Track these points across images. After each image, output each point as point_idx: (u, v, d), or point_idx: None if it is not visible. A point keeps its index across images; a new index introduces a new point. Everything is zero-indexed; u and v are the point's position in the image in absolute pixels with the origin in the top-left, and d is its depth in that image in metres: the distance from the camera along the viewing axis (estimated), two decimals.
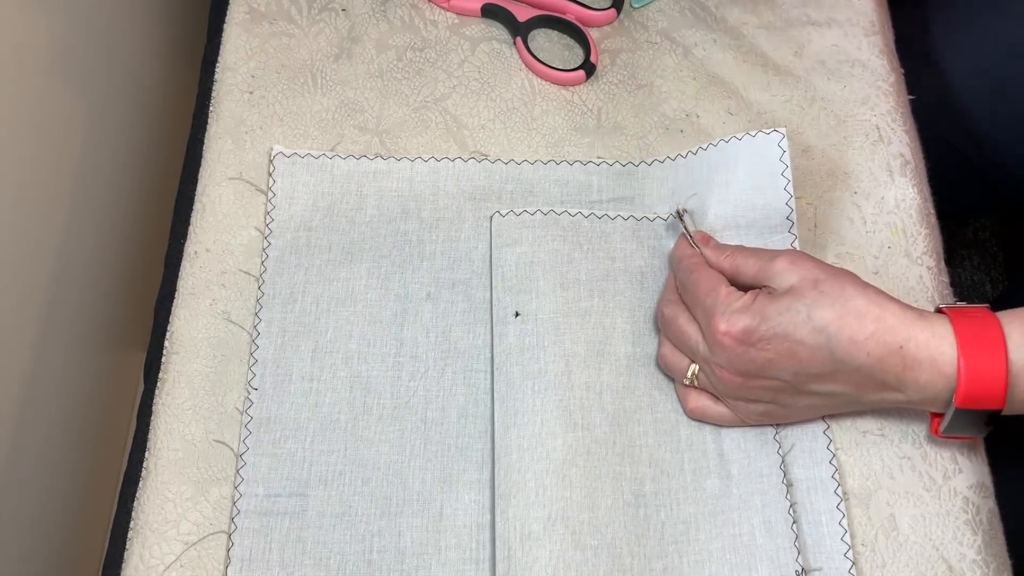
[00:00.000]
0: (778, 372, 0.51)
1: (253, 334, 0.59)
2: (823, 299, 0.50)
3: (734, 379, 0.52)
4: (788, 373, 0.51)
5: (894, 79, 0.69)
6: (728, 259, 0.55)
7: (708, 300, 0.53)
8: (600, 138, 0.67)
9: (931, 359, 0.49)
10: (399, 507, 0.55)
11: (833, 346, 0.50)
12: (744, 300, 0.52)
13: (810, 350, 0.50)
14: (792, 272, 0.52)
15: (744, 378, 0.52)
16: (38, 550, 0.72)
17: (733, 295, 0.52)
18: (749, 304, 0.51)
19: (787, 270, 0.52)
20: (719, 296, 0.52)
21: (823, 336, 0.50)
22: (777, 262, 0.53)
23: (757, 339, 0.51)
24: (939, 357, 0.49)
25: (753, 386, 0.53)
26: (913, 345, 0.49)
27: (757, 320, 0.51)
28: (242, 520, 0.54)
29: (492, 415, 0.57)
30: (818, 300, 0.50)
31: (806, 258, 0.53)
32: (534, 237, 0.61)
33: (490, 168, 0.65)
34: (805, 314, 0.50)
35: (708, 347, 0.53)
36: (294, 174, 0.64)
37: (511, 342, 0.58)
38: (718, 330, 0.51)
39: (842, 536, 0.54)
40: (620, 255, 0.61)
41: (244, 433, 0.57)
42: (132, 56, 0.81)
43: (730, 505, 0.55)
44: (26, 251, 0.66)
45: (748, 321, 0.51)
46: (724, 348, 0.51)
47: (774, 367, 0.51)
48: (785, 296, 0.51)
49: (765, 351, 0.51)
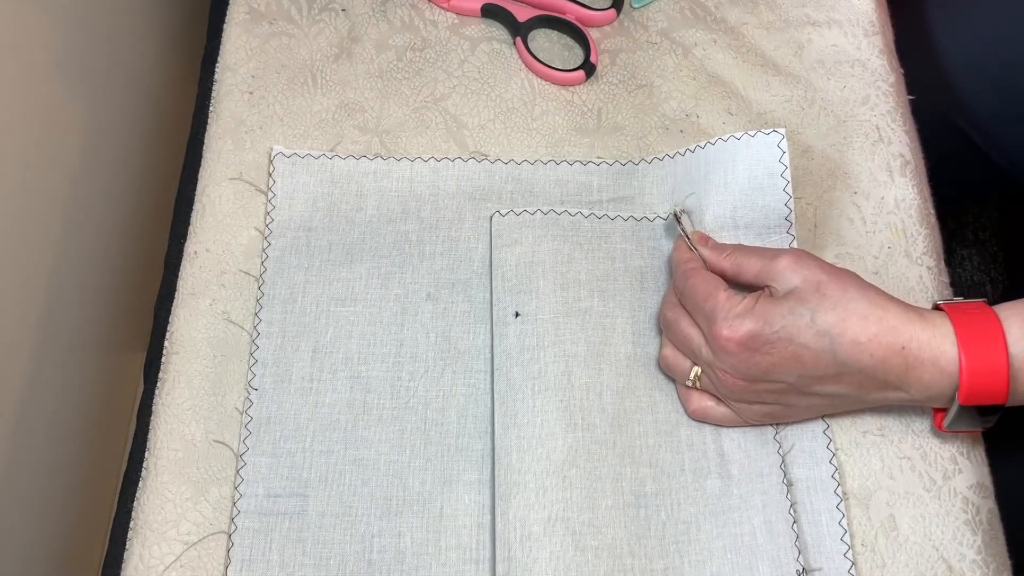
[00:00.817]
0: (782, 375, 0.51)
1: (253, 334, 0.59)
2: (826, 302, 0.50)
3: (738, 383, 0.52)
4: (792, 376, 0.51)
5: (894, 79, 0.69)
6: (728, 258, 0.55)
7: (708, 305, 0.52)
8: (600, 138, 0.67)
9: (933, 358, 0.49)
10: (399, 507, 0.55)
11: (836, 349, 0.50)
12: (745, 304, 0.52)
13: (814, 353, 0.50)
14: (795, 273, 0.52)
15: (748, 382, 0.52)
16: (38, 550, 0.72)
17: (733, 299, 0.52)
18: (751, 308, 0.51)
19: (790, 271, 0.52)
20: (718, 301, 0.52)
21: (826, 339, 0.50)
22: (780, 262, 0.53)
23: (761, 343, 0.51)
24: (941, 356, 0.49)
25: (757, 389, 0.53)
26: (915, 345, 0.49)
27: (760, 324, 0.51)
28: (242, 520, 0.54)
29: (492, 415, 0.57)
30: (821, 303, 0.50)
31: (809, 258, 0.53)
32: (534, 237, 0.61)
33: (490, 168, 0.65)
34: (808, 318, 0.50)
35: (711, 351, 0.53)
36: (294, 174, 0.64)
37: (511, 342, 0.58)
38: (721, 335, 0.51)
39: (842, 536, 0.54)
40: (620, 255, 0.61)
41: (244, 433, 0.57)
42: (132, 56, 0.81)
43: (731, 505, 0.55)
44: (26, 251, 0.66)
45: (751, 326, 0.51)
46: (728, 353, 0.51)
47: (778, 370, 0.51)
48: (788, 299, 0.51)
49: (769, 355, 0.51)
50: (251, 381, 0.58)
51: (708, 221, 0.60)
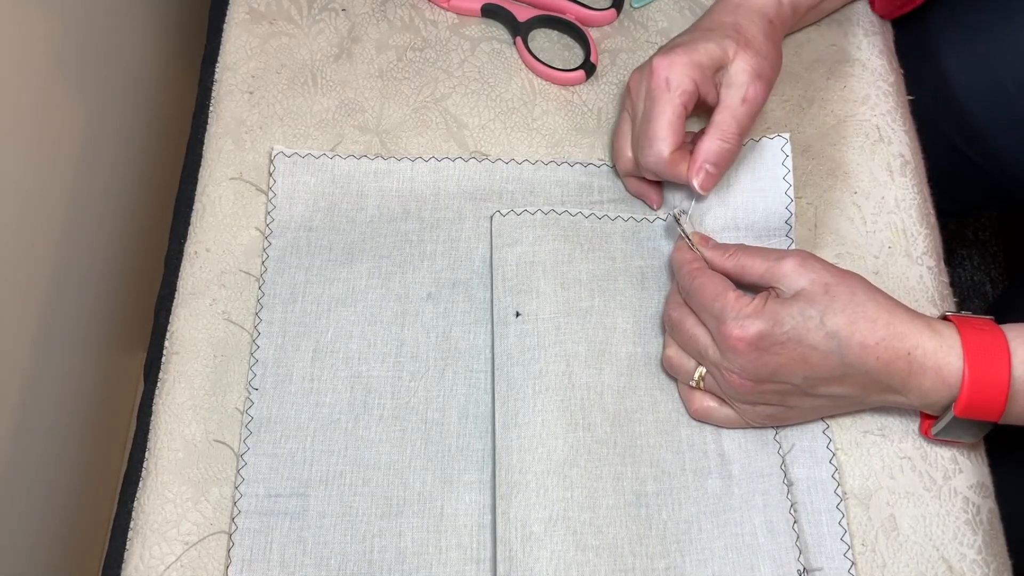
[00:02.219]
0: (788, 376, 0.51)
1: (253, 334, 0.59)
2: (834, 304, 0.50)
3: (744, 383, 0.52)
4: (798, 377, 0.51)
5: (894, 79, 0.69)
6: (731, 259, 0.55)
7: (716, 305, 0.52)
8: (600, 138, 0.67)
9: (936, 367, 0.50)
10: (400, 507, 0.55)
11: (844, 351, 0.50)
12: (755, 304, 0.52)
13: (821, 355, 0.50)
14: (801, 275, 0.52)
15: (755, 382, 0.52)
16: (38, 550, 0.72)
17: (742, 299, 0.52)
18: (760, 308, 0.51)
19: (796, 272, 0.52)
20: (728, 301, 0.52)
21: (834, 341, 0.50)
22: (786, 264, 0.53)
23: (770, 344, 0.51)
24: (945, 367, 0.50)
25: (763, 390, 0.53)
26: (920, 352, 0.50)
27: (770, 325, 0.51)
28: (243, 520, 0.54)
29: (493, 415, 0.57)
30: (830, 305, 0.50)
31: (815, 260, 0.53)
32: (534, 237, 0.61)
33: (490, 168, 0.65)
34: (818, 319, 0.50)
35: (719, 352, 0.53)
36: (294, 174, 0.64)
37: (512, 342, 0.58)
38: (731, 335, 0.51)
39: (842, 536, 0.54)
40: (620, 255, 0.61)
41: (244, 433, 0.57)
42: (132, 56, 0.81)
43: (731, 505, 0.55)
44: (26, 251, 0.66)
45: (761, 326, 0.51)
46: (737, 353, 0.51)
47: (785, 371, 0.51)
48: (796, 300, 0.51)
49: (778, 356, 0.51)
50: (251, 381, 0.58)
51: (708, 223, 0.60)
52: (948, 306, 0.61)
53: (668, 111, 0.57)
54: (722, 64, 0.58)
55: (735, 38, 0.59)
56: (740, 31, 0.59)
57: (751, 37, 0.59)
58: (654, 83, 0.58)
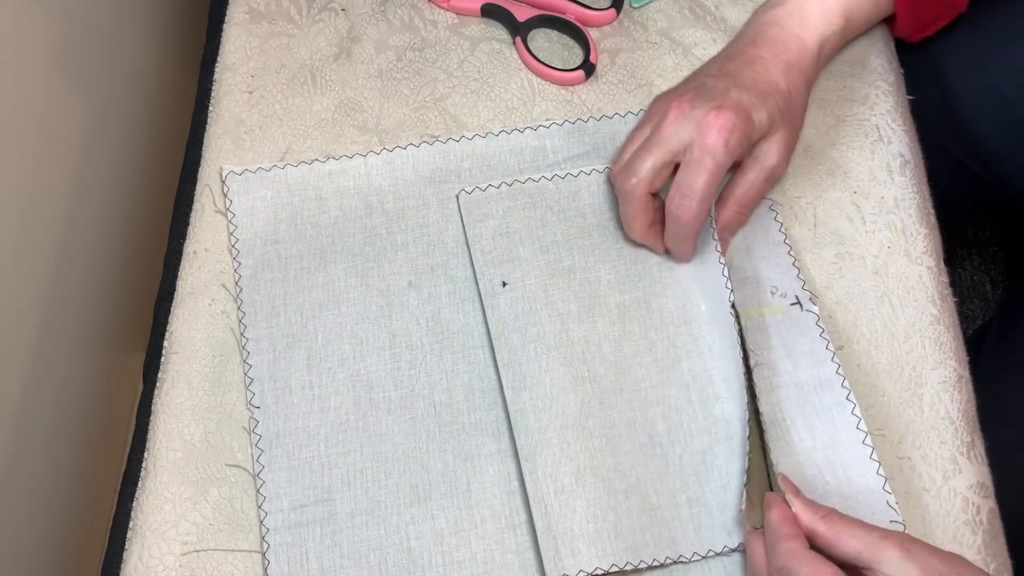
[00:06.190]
0: None
1: (243, 354, 0.59)
2: None
3: None
4: None
5: (894, 79, 0.69)
6: (825, 522, 0.50)
7: None
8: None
9: None
10: (427, 492, 0.56)
11: None
12: None
13: None
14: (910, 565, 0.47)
15: None
16: (38, 550, 0.72)
17: None
18: None
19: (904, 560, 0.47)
20: None
21: None
22: (889, 550, 0.47)
23: None
24: None
25: None
26: None
27: None
28: (273, 537, 0.54)
29: (499, 385, 0.58)
30: None
31: (920, 546, 0.48)
32: (504, 209, 0.63)
33: (443, 148, 0.66)
34: None
35: None
36: (249, 190, 0.64)
37: (504, 311, 0.59)
38: None
39: (857, 424, 0.56)
40: (590, 210, 0.63)
41: (256, 452, 0.56)
42: (132, 56, 0.81)
43: (740, 427, 0.56)
44: (26, 251, 0.66)
45: None
46: None
47: None
48: None
49: None
50: (251, 400, 0.58)
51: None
52: (948, 306, 0.61)
53: (716, 176, 0.56)
54: (763, 136, 0.59)
55: (782, 110, 0.59)
56: (789, 102, 0.59)
57: (795, 108, 0.60)
58: (710, 141, 0.56)
